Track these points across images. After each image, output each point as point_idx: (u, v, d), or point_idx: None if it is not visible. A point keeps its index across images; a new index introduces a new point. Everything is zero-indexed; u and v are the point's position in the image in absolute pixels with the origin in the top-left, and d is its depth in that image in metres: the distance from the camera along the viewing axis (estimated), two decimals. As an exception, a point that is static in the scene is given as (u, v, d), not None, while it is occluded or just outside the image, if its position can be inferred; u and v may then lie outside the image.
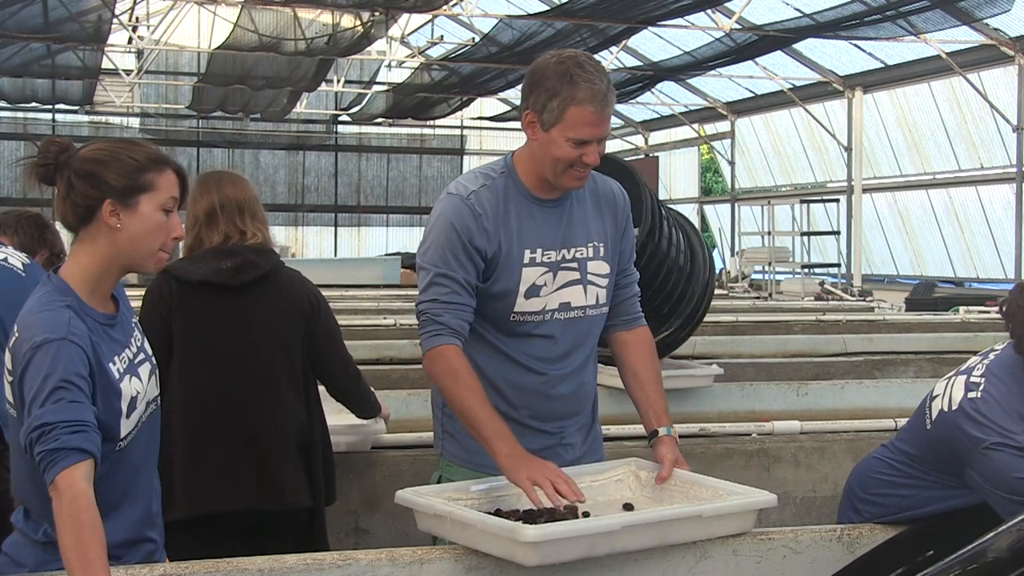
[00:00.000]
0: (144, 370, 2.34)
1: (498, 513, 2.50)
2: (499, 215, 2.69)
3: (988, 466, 2.63)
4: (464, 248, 2.65)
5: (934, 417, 2.80)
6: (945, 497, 2.80)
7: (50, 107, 25.58)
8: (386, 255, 24.48)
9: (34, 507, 2.26)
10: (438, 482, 2.77)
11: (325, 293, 3.52)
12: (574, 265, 2.76)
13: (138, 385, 2.30)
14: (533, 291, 2.71)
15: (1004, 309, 2.80)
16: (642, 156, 26.66)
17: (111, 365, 2.24)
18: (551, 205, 2.75)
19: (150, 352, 2.41)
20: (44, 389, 2.10)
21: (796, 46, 18.06)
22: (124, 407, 2.25)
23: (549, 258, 2.72)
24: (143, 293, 3.35)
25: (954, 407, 2.73)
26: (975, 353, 2.91)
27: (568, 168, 2.65)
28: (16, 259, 3.76)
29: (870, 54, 18.42)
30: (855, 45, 17.90)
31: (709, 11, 15.17)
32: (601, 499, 2.66)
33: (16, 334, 2.21)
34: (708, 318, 5.58)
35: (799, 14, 15.41)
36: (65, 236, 2.77)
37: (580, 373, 2.82)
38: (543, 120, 2.62)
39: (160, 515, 2.45)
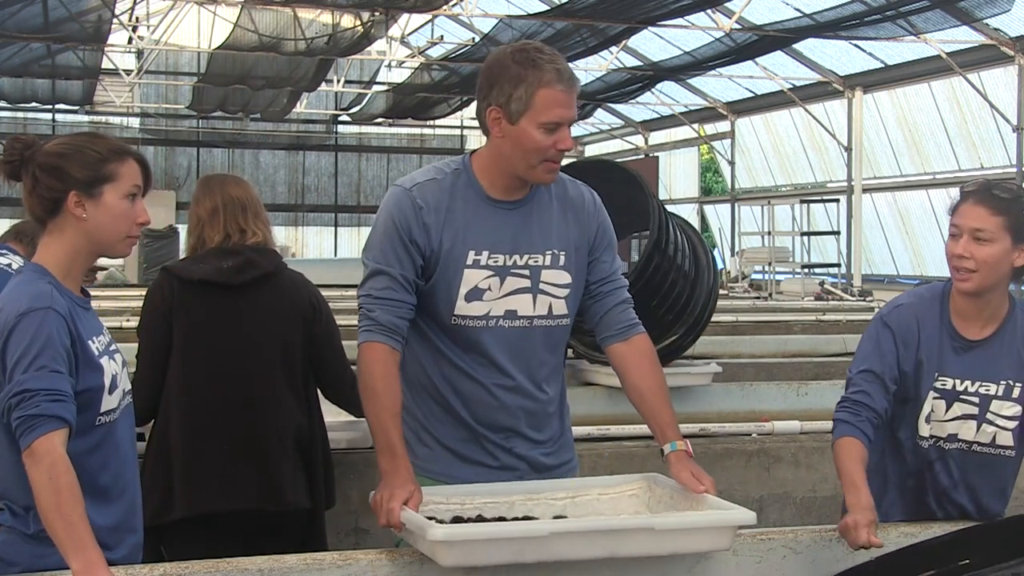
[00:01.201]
0: (117, 358, 2.42)
1: (479, 519, 2.48)
2: (443, 211, 2.58)
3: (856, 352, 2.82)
4: (402, 242, 2.57)
5: None
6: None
7: (50, 107, 25.59)
8: (386, 255, 24.43)
9: (22, 496, 2.26)
10: None
11: (325, 293, 3.52)
12: (525, 272, 2.62)
13: (115, 367, 2.38)
14: (475, 294, 2.60)
15: None
16: (642, 156, 26.66)
17: (90, 342, 2.33)
18: (507, 207, 2.63)
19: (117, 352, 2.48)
20: (27, 355, 2.19)
21: (796, 46, 18.06)
22: (106, 382, 2.33)
23: (496, 262, 2.60)
24: (145, 293, 3.36)
25: None
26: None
27: (542, 160, 2.56)
28: (19, 266, 3.79)
29: (870, 54, 18.42)
30: (855, 45, 17.90)
31: (709, 11, 15.17)
32: (608, 512, 2.60)
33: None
34: (708, 318, 5.58)
35: (799, 14, 15.42)
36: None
37: (529, 386, 2.67)
38: (510, 112, 2.52)
39: (141, 510, 2.49)
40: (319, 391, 3.46)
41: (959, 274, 2.74)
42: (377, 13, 14.80)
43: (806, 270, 18.84)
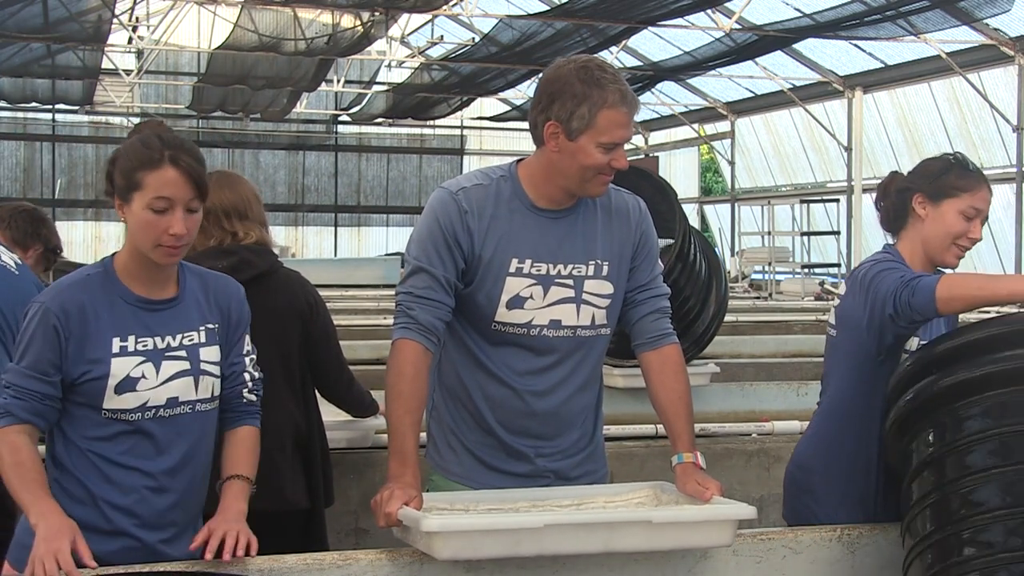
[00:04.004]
0: (170, 366, 2.38)
1: None
2: (487, 217, 2.60)
3: (877, 283, 2.70)
4: (446, 243, 2.58)
5: (835, 323, 2.88)
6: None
7: (50, 107, 25.56)
8: (386, 255, 24.48)
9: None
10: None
11: (325, 293, 3.51)
12: (569, 282, 2.64)
13: (148, 371, 2.35)
14: (517, 302, 2.61)
15: (877, 194, 3.00)
16: (642, 156, 26.66)
17: (114, 338, 2.34)
18: (552, 216, 2.64)
19: (207, 359, 2.43)
20: (18, 348, 2.36)
21: (796, 46, 18.06)
22: (111, 382, 2.33)
23: (539, 271, 2.62)
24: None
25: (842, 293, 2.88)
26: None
27: (597, 175, 2.58)
28: (8, 257, 3.78)
29: (870, 54, 18.42)
30: (855, 45, 17.90)
31: (709, 11, 15.18)
32: None
33: None
34: (708, 317, 5.59)
35: (799, 14, 15.42)
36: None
37: (562, 392, 2.68)
38: (570, 128, 2.53)
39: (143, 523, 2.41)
40: (316, 391, 3.45)
41: (962, 252, 2.81)
42: (377, 13, 14.80)
43: (806, 270, 18.84)
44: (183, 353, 2.40)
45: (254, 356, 2.60)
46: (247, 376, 2.56)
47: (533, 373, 2.66)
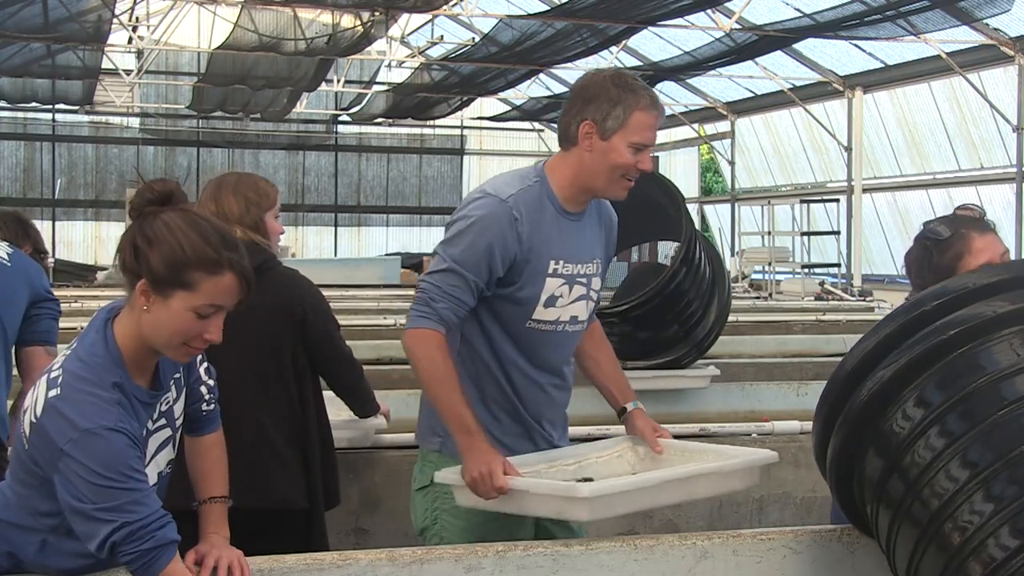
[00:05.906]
0: (155, 440, 2.22)
1: None
2: (534, 221, 2.76)
3: None
4: (490, 255, 2.69)
5: None
6: None
7: (50, 107, 25.57)
8: (386, 255, 24.51)
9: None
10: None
11: (325, 293, 3.50)
12: (584, 280, 2.86)
13: (144, 460, 2.20)
14: (551, 301, 2.79)
15: (905, 260, 3.10)
16: (642, 156, 26.63)
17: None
18: (574, 219, 2.84)
19: (178, 413, 2.30)
20: (108, 481, 1.99)
21: (796, 46, 18.06)
22: None
23: (568, 271, 2.81)
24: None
25: None
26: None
27: (622, 176, 2.75)
28: (1, 249, 3.77)
29: (870, 54, 18.42)
30: (855, 45, 17.90)
31: (709, 11, 15.18)
32: (607, 472, 2.82)
33: (59, 390, 2.07)
34: (708, 318, 5.60)
35: (799, 14, 15.42)
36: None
37: (570, 380, 2.96)
38: (604, 128, 2.72)
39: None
40: (332, 388, 3.46)
41: None
42: (377, 13, 14.80)
43: (806, 270, 18.85)
44: (163, 421, 2.24)
45: (206, 363, 2.41)
46: (204, 389, 2.40)
47: (556, 365, 2.87)
